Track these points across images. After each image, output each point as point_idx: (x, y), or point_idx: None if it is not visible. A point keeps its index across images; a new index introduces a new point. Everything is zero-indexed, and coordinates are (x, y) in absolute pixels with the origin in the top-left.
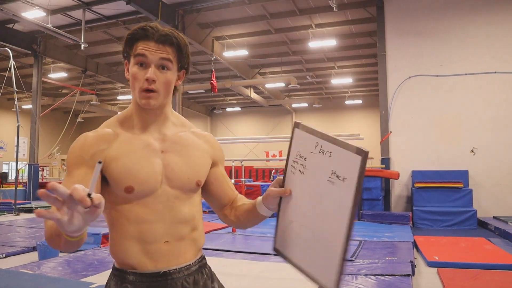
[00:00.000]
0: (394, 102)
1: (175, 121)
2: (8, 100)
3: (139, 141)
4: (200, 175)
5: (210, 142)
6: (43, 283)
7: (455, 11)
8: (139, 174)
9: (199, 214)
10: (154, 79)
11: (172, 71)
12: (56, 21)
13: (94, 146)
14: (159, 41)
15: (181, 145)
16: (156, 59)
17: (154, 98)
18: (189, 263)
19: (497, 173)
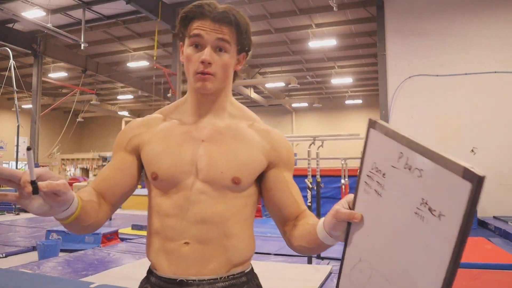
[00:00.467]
0: (394, 102)
1: (234, 112)
2: (8, 99)
3: (181, 127)
4: (241, 172)
5: (271, 139)
6: (43, 282)
7: (455, 11)
8: (164, 160)
9: (238, 219)
10: (210, 61)
11: (230, 53)
12: (56, 20)
13: (134, 130)
14: (216, 19)
15: (227, 136)
16: (212, 39)
17: (210, 81)
18: (215, 277)
19: (497, 173)
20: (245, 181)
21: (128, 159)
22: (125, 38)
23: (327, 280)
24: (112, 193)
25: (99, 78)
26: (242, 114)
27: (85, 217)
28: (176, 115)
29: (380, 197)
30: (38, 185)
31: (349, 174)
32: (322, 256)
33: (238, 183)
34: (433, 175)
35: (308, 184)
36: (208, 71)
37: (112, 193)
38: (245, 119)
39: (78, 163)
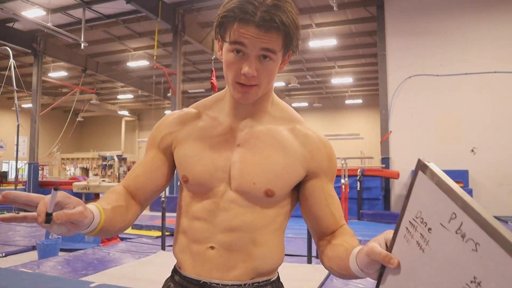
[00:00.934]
0: (394, 102)
1: (276, 113)
2: (8, 99)
3: (216, 128)
4: (275, 184)
5: (310, 146)
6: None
7: (455, 10)
8: (196, 165)
9: (268, 229)
10: (254, 75)
11: (275, 60)
12: (56, 20)
13: (168, 127)
14: (262, 26)
15: (263, 141)
16: (257, 49)
17: (253, 93)
18: (239, 283)
19: (497, 173)
20: (279, 193)
21: (161, 158)
22: (125, 37)
23: (327, 280)
24: (143, 192)
25: (99, 77)
26: (284, 115)
27: (110, 225)
28: (213, 112)
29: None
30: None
31: (349, 174)
32: None
33: (271, 195)
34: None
35: None
36: (251, 83)
37: (143, 192)
38: (286, 121)
39: (78, 162)
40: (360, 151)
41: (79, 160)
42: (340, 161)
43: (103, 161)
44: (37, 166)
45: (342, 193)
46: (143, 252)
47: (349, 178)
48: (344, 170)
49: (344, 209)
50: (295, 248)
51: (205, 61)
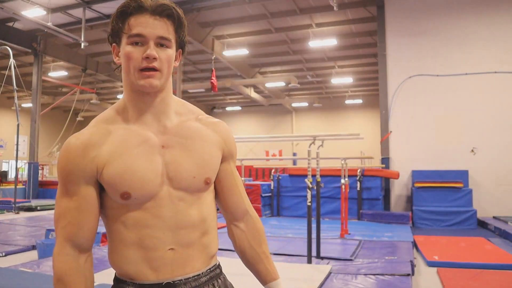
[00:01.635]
0: (394, 102)
1: (179, 109)
2: (8, 98)
3: (135, 137)
4: (209, 171)
5: (220, 131)
6: (42, 282)
7: (455, 11)
8: (134, 177)
9: (211, 216)
10: (156, 57)
11: (172, 49)
12: (56, 19)
13: (83, 157)
14: (155, 12)
15: (185, 137)
16: (154, 35)
17: (156, 78)
18: (198, 273)
19: (497, 173)
20: (213, 178)
21: (92, 194)
22: None
23: (326, 280)
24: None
25: (99, 77)
26: (186, 109)
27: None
28: (120, 123)
29: None
30: None
31: (349, 174)
32: (322, 256)
33: (209, 182)
34: None
35: (308, 184)
36: (154, 66)
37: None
38: (190, 114)
39: None
40: (360, 151)
41: None
42: (340, 161)
43: None
44: (37, 165)
45: (342, 193)
46: None
47: (349, 178)
48: (344, 170)
49: (344, 209)
50: (295, 248)
51: (205, 61)
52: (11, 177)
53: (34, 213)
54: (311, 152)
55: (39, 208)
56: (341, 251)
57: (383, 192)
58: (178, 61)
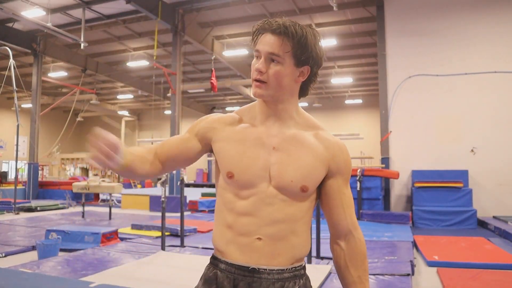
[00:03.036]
0: (394, 102)
1: (300, 121)
2: (7, 99)
3: (253, 133)
4: (308, 180)
5: (330, 148)
6: (42, 282)
7: (455, 10)
8: (240, 162)
9: (303, 220)
10: (262, 70)
11: (284, 64)
12: (56, 20)
13: (211, 123)
14: (274, 32)
15: (295, 145)
16: (265, 51)
17: (262, 88)
18: (283, 268)
19: (497, 173)
20: (311, 189)
21: (194, 143)
22: (125, 37)
23: (326, 280)
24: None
25: (99, 77)
26: (307, 122)
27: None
28: (249, 118)
29: None
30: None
31: None
32: (322, 256)
33: (305, 190)
34: None
35: None
36: (259, 78)
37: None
38: (309, 127)
39: (78, 162)
40: (360, 151)
41: (79, 160)
42: None
43: None
44: (37, 166)
45: None
46: (143, 252)
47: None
48: None
49: None
50: None
51: (205, 61)
52: (11, 177)
53: (34, 213)
54: None
55: (39, 209)
56: None
57: (383, 192)
58: (304, 77)
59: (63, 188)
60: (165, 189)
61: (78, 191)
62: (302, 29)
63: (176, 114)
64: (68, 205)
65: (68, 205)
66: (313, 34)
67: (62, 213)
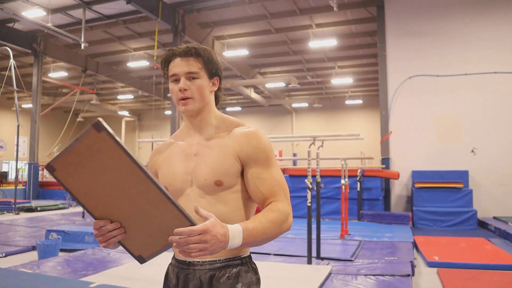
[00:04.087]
0: (394, 102)
1: (219, 124)
2: (8, 99)
3: (180, 148)
4: (219, 175)
5: (237, 139)
6: (42, 282)
7: (455, 11)
8: (168, 176)
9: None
10: (186, 88)
11: (202, 78)
12: (56, 20)
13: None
14: (182, 55)
15: (209, 147)
16: (183, 72)
17: (190, 104)
18: (215, 259)
19: (497, 173)
20: (227, 181)
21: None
22: (125, 38)
23: (326, 280)
24: None
25: (99, 77)
26: (225, 124)
27: None
28: (179, 138)
29: None
30: None
31: (349, 175)
32: (322, 257)
33: (220, 184)
34: None
35: (308, 184)
36: (186, 96)
37: None
38: (228, 128)
39: None
40: (360, 151)
41: None
42: (340, 161)
43: None
44: (37, 166)
45: (342, 193)
46: None
47: (349, 178)
48: (344, 170)
49: (344, 209)
50: (295, 249)
51: None
52: (11, 177)
53: (34, 213)
54: (311, 152)
55: (39, 209)
56: (341, 252)
57: (383, 192)
58: (216, 86)
59: (63, 189)
60: None
61: None
62: (204, 49)
63: (176, 115)
64: (68, 205)
65: (68, 205)
66: (212, 51)
67: (62, 213)
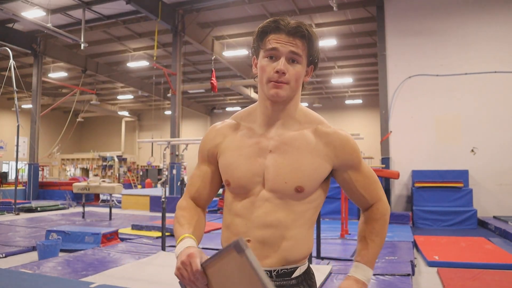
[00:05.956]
0: (394, 102)
1: (301, 118)
2: (8, 99)
3: (251, 138)
4: (304, 181)
5: (331, 143)
6: (42, 282)
7: (455, 11)
8: (236, 170)
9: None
10: (285, 71)
11: (302, 65)
12: (56, 20)
13: (212, 140)
14: (290, 33)
15: (291, 146)
16: (286, 51)
17: (283, 89)
18: (271, 269)
19: (497, 173)
20: (308, 189)
21: (211, 170)
22: (125, 38)
23: (327, 280)
24: (205, 200)
25: (99, 78)
26: (307, 119)
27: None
28: (248, 123)
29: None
30: None
31: None
32: (322, 256)
33: (301, 191)
34: None
35: None
36: (282, 80)
37: (204, 200)
38: (310, 124)
39: (78, 163)
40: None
41: (79, 161)
42: None
43: (103, 161)
44: (37, 166)
45: (342, 193)
46: (143, 252)
47: None
48: None
49: (344, 209)
50: None
51: (205, 61)
52: (11, 178)
53: (34, 214)
54: None
55: (39, 209)
56: (341, 251)
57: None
58: (309, 76)
59: (64, 189)
60: (165, 189)
61: (78, 192)
62: (312, 30)
63: (176, 115)
64: (68, 205)
65: (68, 205)
66: (316, 35)
67: (62, 213)
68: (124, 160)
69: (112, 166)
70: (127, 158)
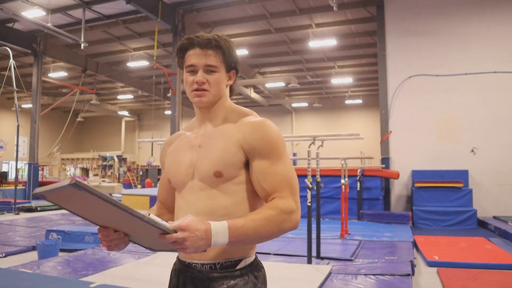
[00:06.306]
0: (394, 102)
1: (229, 115)
2: (8, 99)
3: (187, 139)
4: (219, 166)
5: (244, 129)
6: (42, 282)
7: (455, 10)
8: (172, 168)
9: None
10: (204, 81)
11: (220, 72)
12: (56, 20)
13: (163, 151)
14: (203, 46)
15: (213, 138)
16: (202, 64)
17: (205, 96)
18: (214, 262)
19: (497, 173)
20: (227, 172)
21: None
22: (125, 37)
23: (327, 280)
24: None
25: (99, 77)
26: (236, 114)
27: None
28: (190, 130)
29: None
30: None
31: (349, 174)
32: (322, 256)
33: (219, 176)
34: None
35: (308, 184)
36: (202, 88)
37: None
38: (236, 118)
39: (78, 162)
40: (360, 151)
41: (79, 160)
42: (340, 161)
43: (103, 161)
44: (37, 166)
45: (342, 193)
46: (142, 252)
47: (349, 178)
48: (344, 170)
49: (344, 209)
50: (295, 248)
51: None
52: (11, 177)
53: (34, 213)
54: (311, 152)
55: (39, 209)
56: (341, 251)
57: (383, 192)
58: (232, 80)
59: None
60: None
61: None
62: (225, 40)
63: (176, 114)
64: None
65: None
66: (232, 43)
67: (62, 213)
68: (124, 160)
69: (112, 166)
70: (127, 158)
